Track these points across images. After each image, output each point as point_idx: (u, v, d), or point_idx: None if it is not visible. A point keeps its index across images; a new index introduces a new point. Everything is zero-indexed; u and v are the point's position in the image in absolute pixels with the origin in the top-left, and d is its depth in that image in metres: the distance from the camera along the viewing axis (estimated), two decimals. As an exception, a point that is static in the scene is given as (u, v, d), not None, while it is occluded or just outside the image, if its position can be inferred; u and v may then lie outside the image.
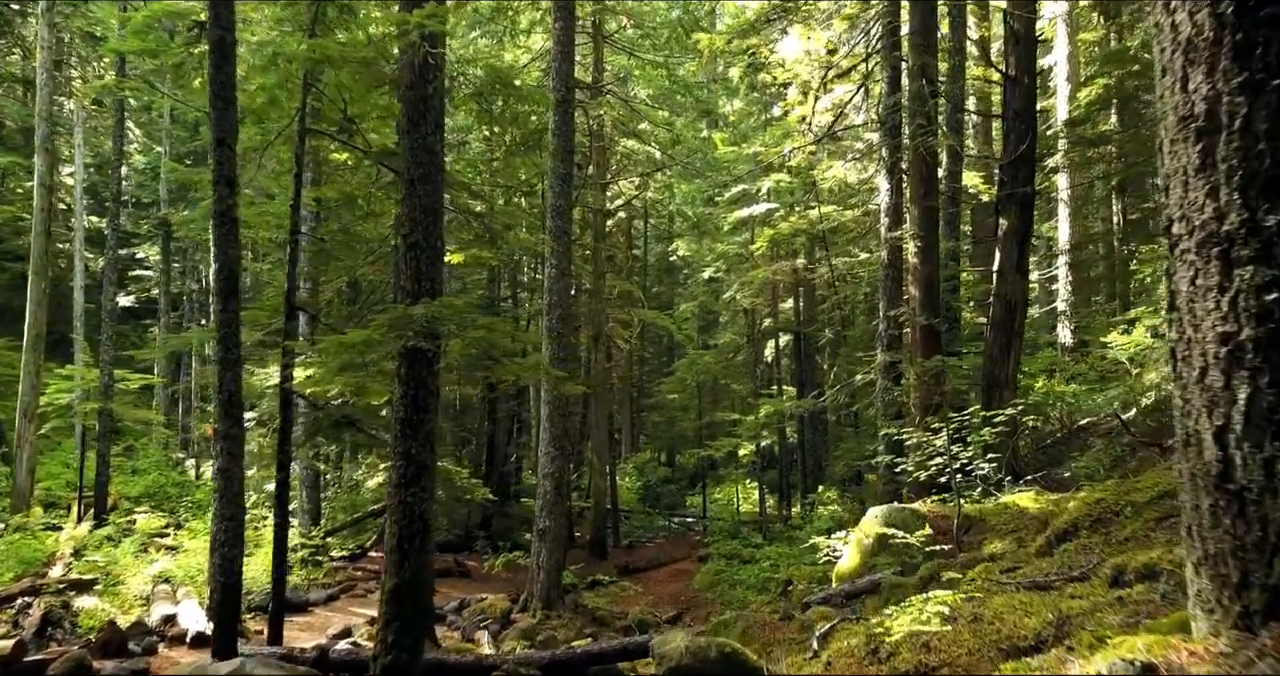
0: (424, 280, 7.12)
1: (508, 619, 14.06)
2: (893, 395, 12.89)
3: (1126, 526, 5.22)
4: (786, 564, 16.98)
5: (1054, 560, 4.93)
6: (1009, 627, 3.42)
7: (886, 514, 8.79)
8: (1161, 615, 2.86)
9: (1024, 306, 12.63)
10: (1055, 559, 5.00)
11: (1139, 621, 2.88)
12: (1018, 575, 4.71)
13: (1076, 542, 5.30)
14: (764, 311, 27.40)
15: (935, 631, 3.66)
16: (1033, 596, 3.85)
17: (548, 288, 14.79)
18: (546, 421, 14.60)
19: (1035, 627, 3.30)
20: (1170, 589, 3.20)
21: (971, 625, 3.53)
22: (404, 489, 6.95)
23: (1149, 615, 2.96)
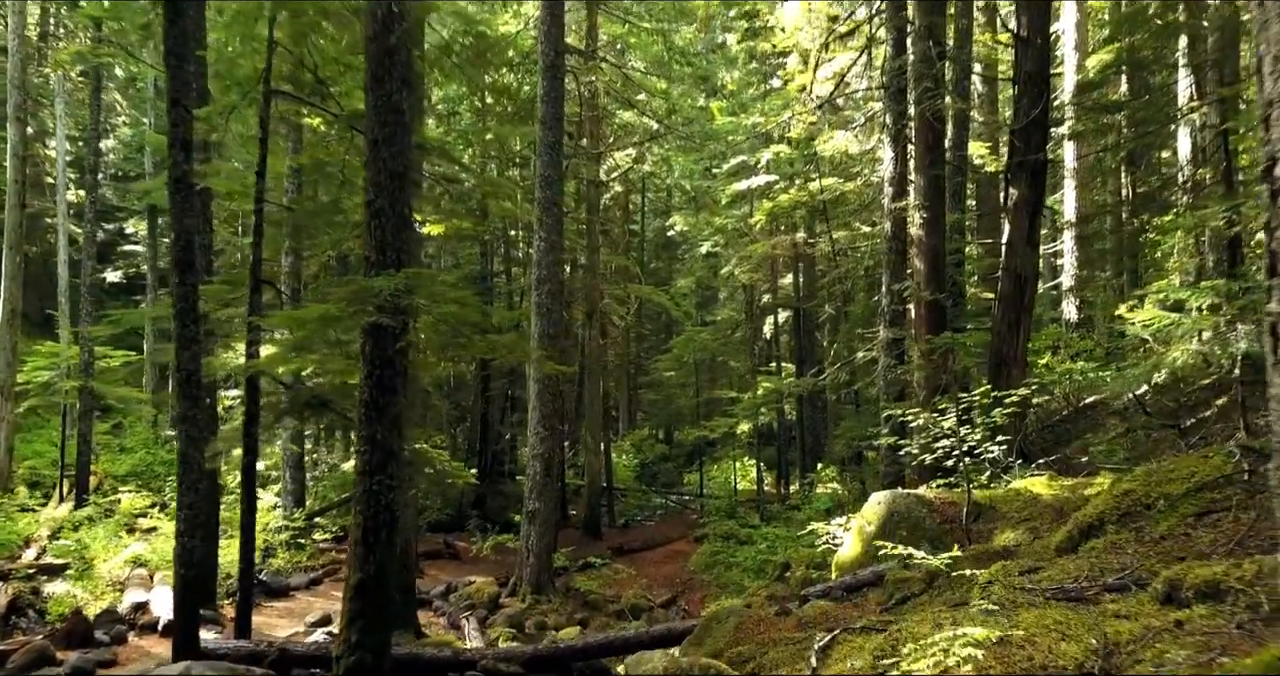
0: (389, 250, 6.54)
1: (496, 604, 13.61)
2: (896, 373, 12.34)
3: (1161, 522, 4.70)
4: (784, 545, 16.53)
5: (1080, 561, 4.41)
6: (1043, 655, 2.88)
7: (890, 500, 8.28)
8: (1240, 650, 2.34)
9: (1034, 280, 12.05)
10: (1082, 559, 4.48)
11: (1213, 659, 2.36)
12: (1041, 578, 4.19)
13: (1104, 539, 4.78)
14: (763, 287, 26.78)
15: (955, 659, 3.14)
16: (1067, 612, 3.32)
17: (537, 261, 14.21)
18: (536, 400, 14.07)
19: (1076, 656, 2.78)
20: (1247, 617, 2.67)
21: (997, 650, 3.01)
22: (369, 477, 6.41)
23: (1224, 650, 2.44)
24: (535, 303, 14.10)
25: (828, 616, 6.71)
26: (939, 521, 7.93)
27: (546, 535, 14.02)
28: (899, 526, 8.03)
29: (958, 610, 3.78)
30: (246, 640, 8.31)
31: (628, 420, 38.54)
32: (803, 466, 25.60)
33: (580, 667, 8.05)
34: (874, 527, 8.26)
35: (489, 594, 13.59)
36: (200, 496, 7.85)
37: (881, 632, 4.13)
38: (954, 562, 7.74)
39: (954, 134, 16.06)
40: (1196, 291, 7.59)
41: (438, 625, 12.58)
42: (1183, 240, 20.01)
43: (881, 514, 8.23)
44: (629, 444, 35.16)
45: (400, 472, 6.58)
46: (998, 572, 4.66)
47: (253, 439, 8.64)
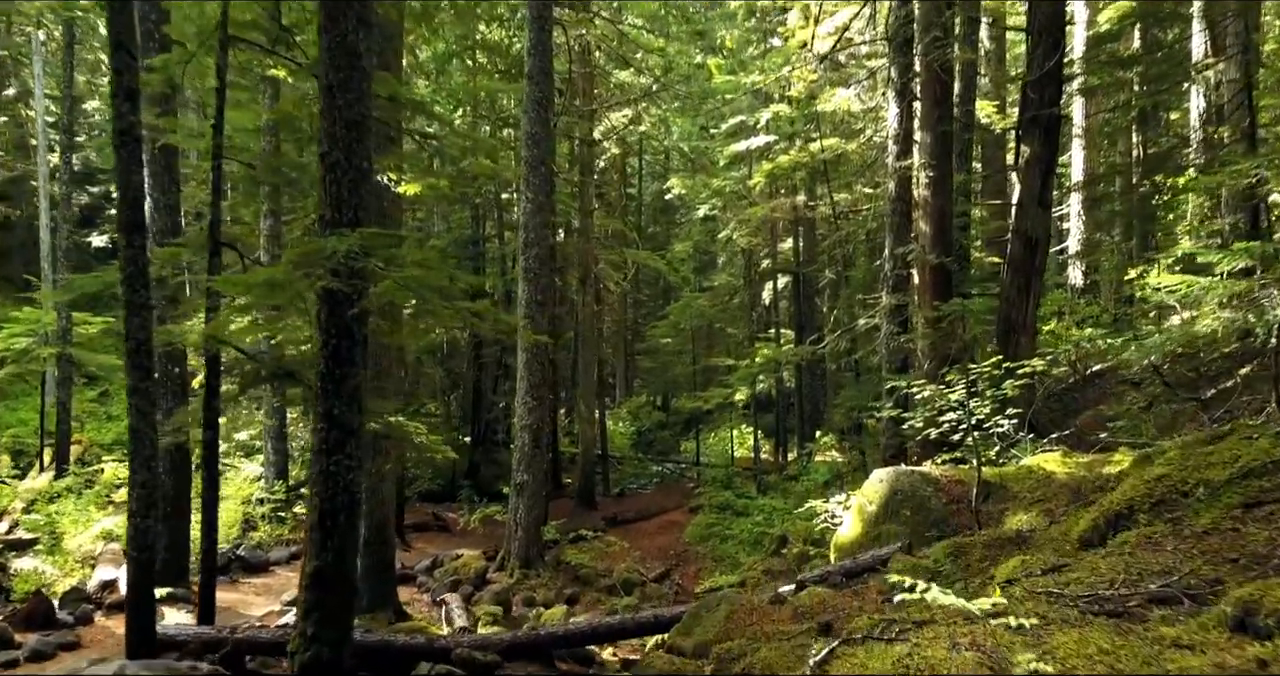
0: (345, 208, 5.93)
1: (483, 579, 13.17)
2: (898, 342, 11.78)
3: (1202, 514, 4.16)
4: (781, 518, 16.09)
5: (1112, 559, 3.88)
6: (1091, 696, 2.37)
7: (893, 478, 7.75)
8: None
9: (1046, 243, 11.43)
10: (1113, 556, 3.95)
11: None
12: (1069, 581, 3.66)
13: (1136, 532, 4.24)
14: (762, 252, 26.12)
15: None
16: (1111, 635, 2.78)
17: (523, 224, 13.57)
18: (524, 370, 13.51)
19: (1137, 707, 2.26)
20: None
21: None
22: (326, 456, 5.87)
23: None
24: (523, 267, 13.49)
25: (825, 606, 6.21)
26: (945, 501, 7.42)
27: (535, 508, 13.55)
28: (902, 506, 7.52)
29: (976, 625, 3.24)
30: (210, 625, 7.83)
31: (624, 387, 38.07)
32: (801, 434, 25.15)
33: (562, 654, 7.58)
34: (875, 507, 7.75)
35: (476, 568, 13.15)
36: (154, 474, 7.30)
37: (887, 642, 3.60)
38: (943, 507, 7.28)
39: (961, 89, 15.33)
40: (1228, 254, 6.99)
41: (421, 602, 12.15)
42: (1197, 202, 19.36)
43: (883, 493, 7.72)
44: (625, 411, 34.72)
45: (361, 451, 6.03)
46: (1017, 569, 4.14)
47: (213, 412, 8.09)
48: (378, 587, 10.49)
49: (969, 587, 4.92)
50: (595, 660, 7.62)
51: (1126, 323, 20.33)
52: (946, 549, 6.02)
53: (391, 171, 9.84)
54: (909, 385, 8.18)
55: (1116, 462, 7.03)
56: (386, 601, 10.55)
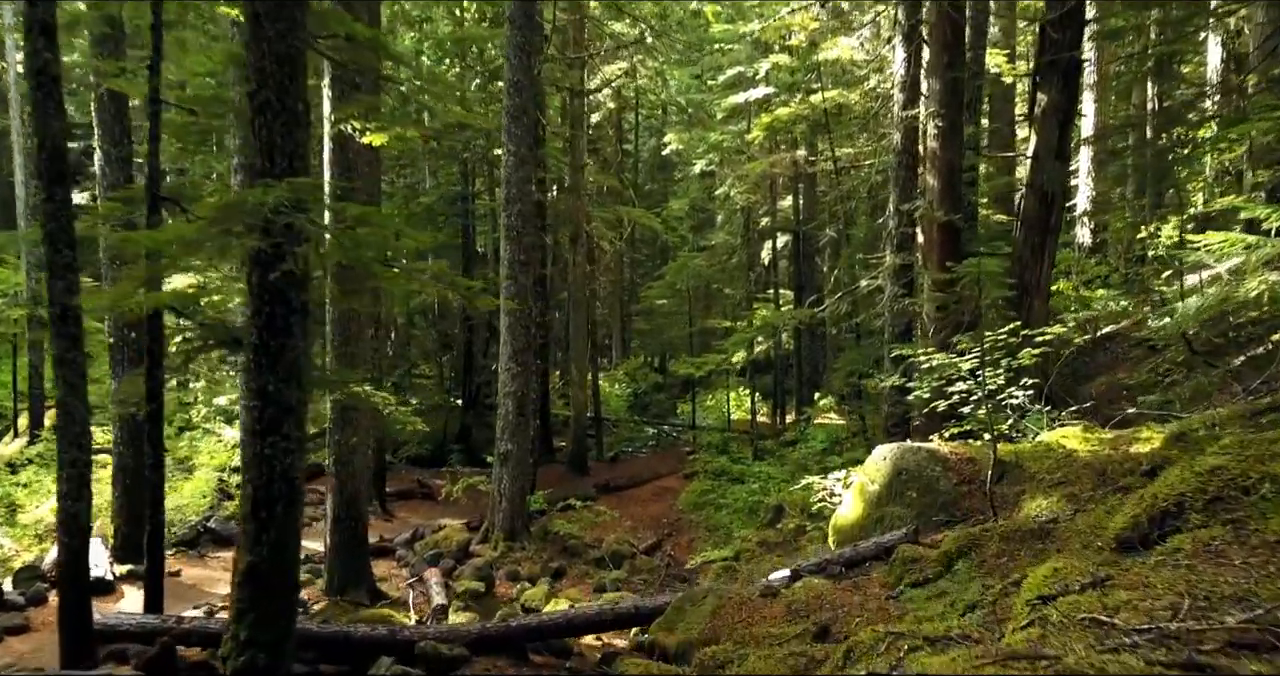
0: (279, 155, 5.19)
1: (466, 551, 12.61)
2: (903, 304, 11.07)
3: (1272, 518, 3.49)
4: (777, 486, 15.52)
5: (1167, 572, 3.23)
6: None
7: (898, 455, 7.10)
8: None
9: (1063, 198, 10.68)
10: (1166, 569, 3.30)
11: None
12: (1117, 601, 3.00)
13: (1190, 537, 3.58)
14: (761, 209, 25.26)
15: None
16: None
17: (505, 179, 12.76)
18: (507, 333, 12.81)
19: None
20: None
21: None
22: (260, 438, 5.20)
23: None
24: (505, 225, 12.72)
25: (822, 602, 5.59)
26: (954, 482, 6.77)
27: (520, 478, 12.95)
28: (908, 487, 6.87)
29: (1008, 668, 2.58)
30: (156, 614, 7.23)
31: (621, 349, 37.42)
32: (799, 397, 24.53)
33: (539, 647, 6.99)
34: (878, 487, 7.11)
35: (458, 541, 12.58)
36: (84, 452, 6.65)
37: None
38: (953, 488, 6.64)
39: (971, 35, 14.41)
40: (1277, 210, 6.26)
41: (399, 577, 11.59)
42: (1217, 157, 18.50)
43: (887, 471, 7.07)
44: (622, 373, 34.09)
45: (301, 432, 5.36)
46: (1049, 580, 3.48)
47: (156, 382, 7.40)
48: (350, 565, 9.91)
49: (987, 593, 4.28)
50: (573, 652, 7.04)
51: (1138, 283, 19.61)
52: (959, 540, 5.38)
53: (356, 120, 9.03)
54: (916, 353, 7.48)
55: (1145, 440, 6.37)
56: (360, 579, 9.98)
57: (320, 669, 6.92)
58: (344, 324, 9.72)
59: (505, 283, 12.70)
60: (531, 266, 13.20)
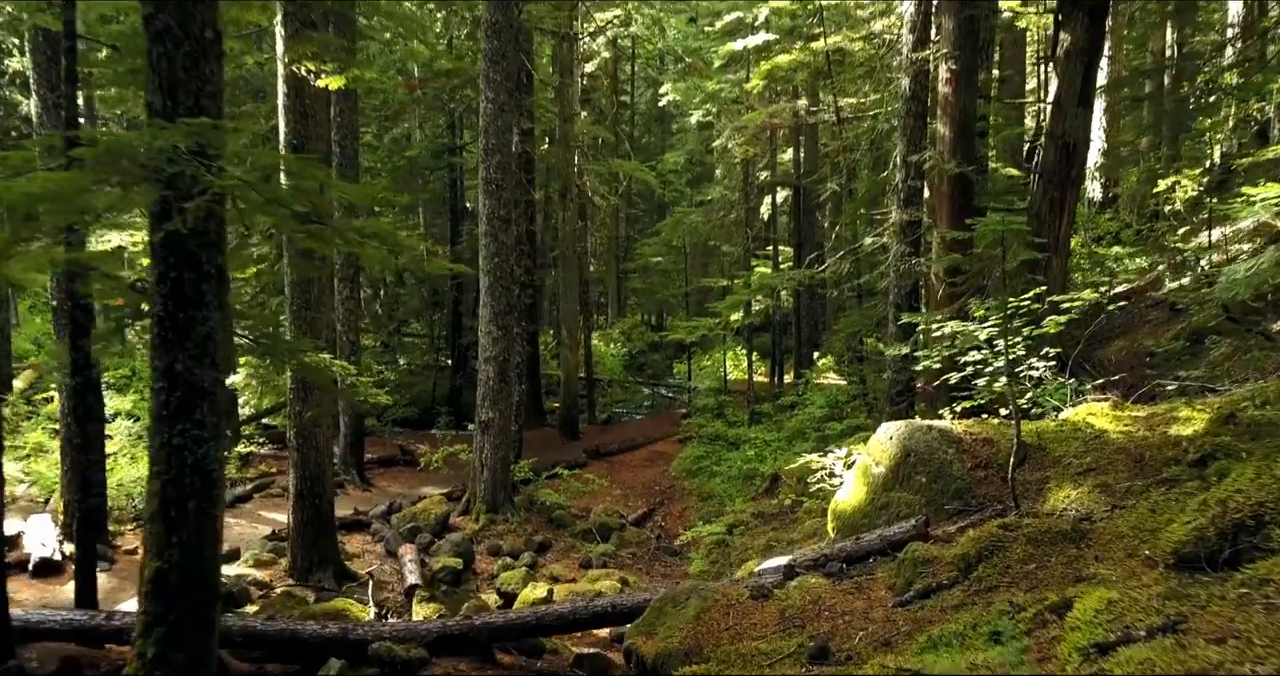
0: (183, 92, 4.38)
1: (445, 524, 11.98)
2: (909, 264, 10.28)
3: (1391, 543, 2.79)
4: (773, 453, 14.89)
5: (1257, 614, 2.53)
6: None
7: (906, 435, 6.37)
8: None
9: (1085, 149, 9.84)
10: (1253, 606, 2.60)
11: None
12: (1202, 664, 2.30)
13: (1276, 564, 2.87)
14: (760, 163, 24.29)
15: None
16: None
17: (483, 128, 11.88)
18: (486, 295, 12.04)
19: None
20: None
21: None
22: (169, 425, 4.47)
23: None
24: (483, 178, 11.87)
25: (820, 608, 4.91)
26: (969, 466, 6.06)
27: (503, 447, 12.28)
28: (916, 471, 6.16)
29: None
30: (84, 610, 6.57)
31: (617, 307, 36.65)
32: (799, 357, 23.83)
33: (508, 646, 6.35)
34: (884, 470, 6.40)
35: (437, 514, 11.94)
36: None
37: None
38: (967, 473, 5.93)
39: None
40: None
41: (373, 553, 10.97)
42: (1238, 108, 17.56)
43: (894, 453, 6.35)
44: (618, 332, 33.37)
45: (217, 416, 4.62)
46: (1103, 619, 2.78)
47: (82, 353, 6.65)
48: (315, 544, 9.27)
49: (1019, 618, 3.57)
50: (545, 651, 6.41)
51: (1152, 240, 18.77)
52: (979, 541, 4.67)
53: (309, 61, 8.16)
54: (925, 321, 6.72)
55: (1185, 420, 5.64)
56: (326, 559, 9.35)
57: (266, 668, 6.29)
58: (303, 288, 8.96)
59: (484, 240, 11.90)
60: (513, 223, 12.37)
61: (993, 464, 5.99)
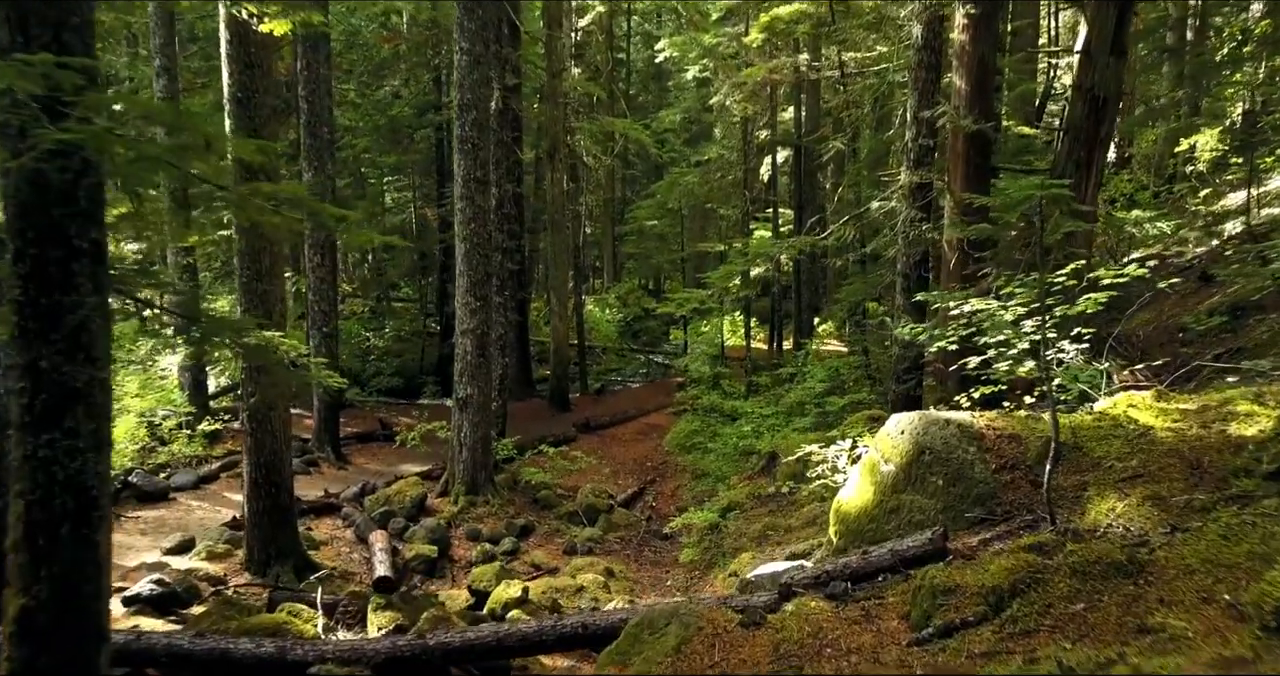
0: (35, 26, 3.53)
1: (422, 507, 11.28)
2: (920, 230, 9.43)
3: None
4: (771, 429, 14.15)
5: None
6: None
7: (919, 429, 5.60)
8: None
9: (1116, 103, 8.93)
10: None
11: None
12: None
13: None
14: (760, 121, 23.25)
15: None
16: None
17: (458, 82, 10.95)
18: (463, 263, 11.20)
19: None
20: None
21: None
22: (34, 433, 3.68)
23: None
24: (458, 136, 10.97)
25: (821, 642, 4.17)
26: (993, 467, 5.28)
27: (483, 425, 11.53)
28: (932, 471, 5.40)
29: None
30: None
31: (613, 271, 35.74)
32: (799, 323, 23.05)
33: (470, 667, 5.63)
34: (894, 468, 5.63)
35: (413, 496, 11.23)
36: None
37: None
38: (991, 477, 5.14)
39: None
40: None
41: (342, 541, 10.28)
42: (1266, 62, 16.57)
43: (906, 449, 5.58)
44: (614, 297, 32.49)
45: (96, 422, 3.83)
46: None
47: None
48: (272, 536, 8.56)
49: None
50: (510, 671, 5.71)
51: (1172, 203, 17.86)
52: (1012, 571, 3.91)
53: (249, 4, 7.25)
54: (940, 300, 5.91)
55: (1247, 416, 4.86)
56: (285, 551, 8.64)
57: (195, 692, 5.58)
58: (254, 258, 8.14)
59: (460, 204, 11.04)
60: (494, 185, 11.50)
61: (1020, 464, 5.22)
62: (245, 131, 7.96)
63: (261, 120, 8.01)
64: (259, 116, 7.98)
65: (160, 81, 13.09)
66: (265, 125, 8.05)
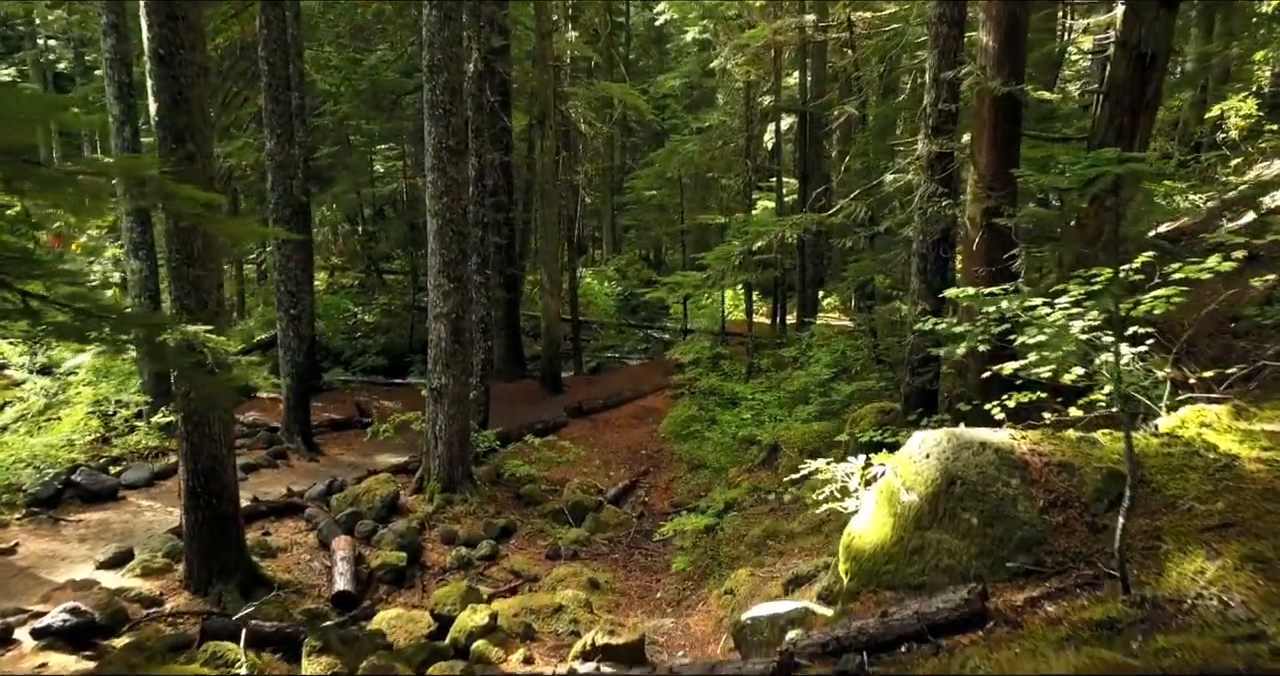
0: None
1: (393, 506, 10.40)
2: (939, 207, 8.41)
3: None
4: (772, 416, 13.23)
5: None
6: None
7: (949, 454, 4.65)
8: None
9: (1165, 61, 7.88)
10: None
11: None
12: None
13: None
14: (764, 87, 22.05)
15: None
16: None
17: (426, 40, 9.89)
18: (435, 241, 10.22)
19: None
20: None
21: None
22: None
23: None
24: (427, 101, 9.93)
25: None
26: (1040, 505, 4.34)
27: (460, 417, 10.62)
28: (964, 506, 4.46)
29: None
30: None
31: (613, 242, 34.66)
32: (802, 299, 22.03)
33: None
34: (917, 499, 4.69)
35: (383, 494, 10.34)
36: None
37: None
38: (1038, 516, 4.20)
39: None
40: None
41: (303, 546, 9.39)
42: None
43: (932, 477, 4.63)
44: (613, 269, 31.47)
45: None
46: None
47: None
48: (214, 551, 7.67)
49: None
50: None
51: (1195, 173, 16.76)
52: (1078, 670, 2.98)
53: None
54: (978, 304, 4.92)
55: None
56: (229, 567, 7.76)
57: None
58: (183, 239, 7.16)
59: (431, 176, 10.03)
60: (467, 155, 10.48)
61: (1074, 501, 4.28)
62: (169, 94, 6.96)
63: (188, 80, 6.99)
64: (185, 76, 6.97)
65: (108, 41, 12.01)
66: (193, 86, 7.03)
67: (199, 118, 7.16)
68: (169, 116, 7.02)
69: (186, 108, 7.06)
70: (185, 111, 7.06)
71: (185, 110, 7.06)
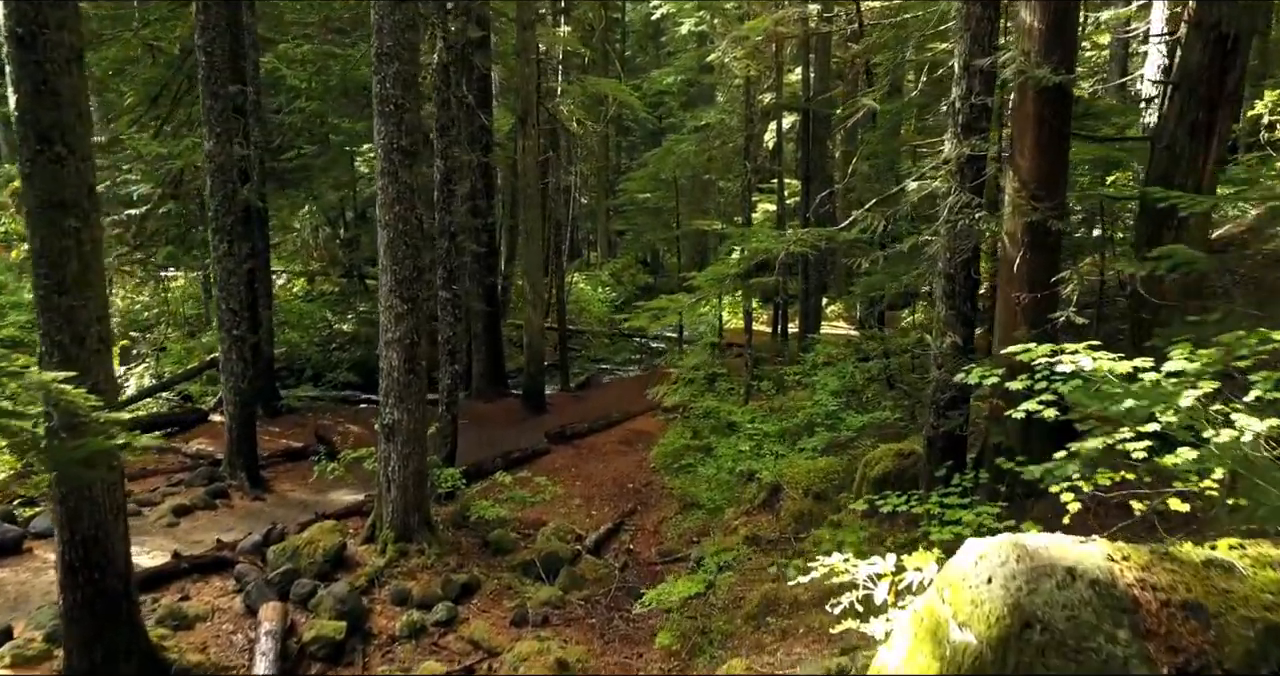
0: None
1: (340, 559, 9.08)
2: (972, 219, 7.09)
3: None
4: (773, 450, 11.89)
5: None
6: None
7: (1019, 580, 3.30)
8: None
9: (1249, 43, 6.58)
10: None
11: None
12: None
13: None
14: (764, 83, 20.72)
15: None
16: None
17: (375, 25, 8.58)
18: (386, 256, 8.90)
19: None
20: None
21: None
22: None
23: None
24: (376, 95, 8.63)
25: None
26: (1156, 666, 3.01)
27: (415, 457, 9.31)
28: (1047, 660, 3.13)
29: None
30: None
31: (607, 246, 33.36)
32: (805, 312, 20.69)
33: None
34: (975, 641, 3.35)
35: (327, 546, 9.01)
36: None
37: None
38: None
39: None
40: None
41: (226, 614, 8.07)
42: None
43: (997, 614, 3.29)
44: (607, 273, 30.18)
45: None
46: None
47: None
48: (99, 637, 6.36)
49: None
50: None
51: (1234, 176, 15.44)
52: None
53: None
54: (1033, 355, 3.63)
55: None
56: (120, 653, 6.46)
57: None
58: (54, 262, 5.86)
59: (382, 181, 8.73)
60: (420, 158, 9.17)
61: (1212, 669, 2.95)
62: (34, 80, 5.67)
63: (56, 67, 5.69)
64: (51, 61, 5.67)
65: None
66: (62, 74, 5.73)
67: (71, 113, 5.85)
68: (31, 110, 5.72)
69: (55, 100, 5.76)
70: (53, 105, 5.76)
71: (53, 104, 5.76)
